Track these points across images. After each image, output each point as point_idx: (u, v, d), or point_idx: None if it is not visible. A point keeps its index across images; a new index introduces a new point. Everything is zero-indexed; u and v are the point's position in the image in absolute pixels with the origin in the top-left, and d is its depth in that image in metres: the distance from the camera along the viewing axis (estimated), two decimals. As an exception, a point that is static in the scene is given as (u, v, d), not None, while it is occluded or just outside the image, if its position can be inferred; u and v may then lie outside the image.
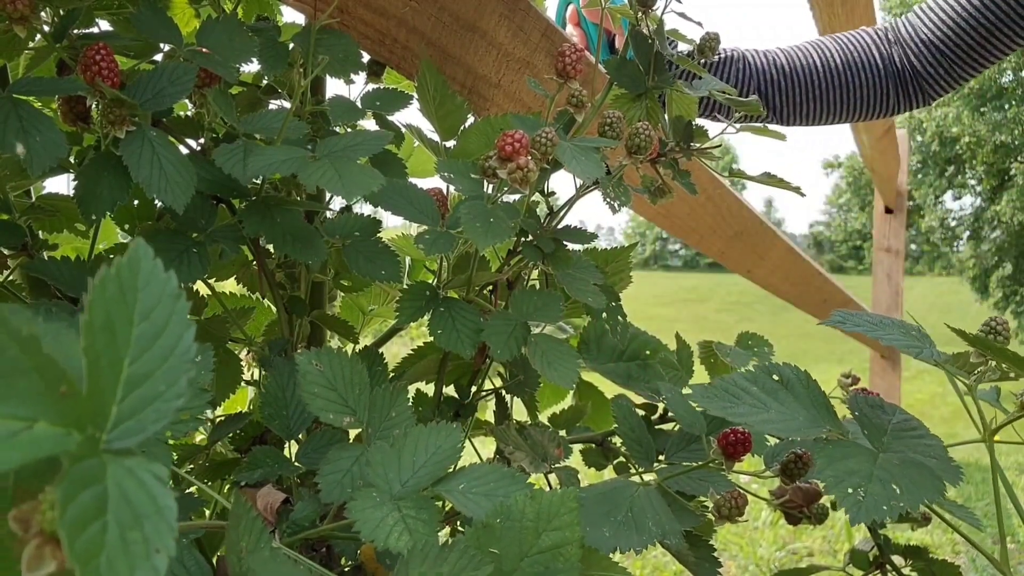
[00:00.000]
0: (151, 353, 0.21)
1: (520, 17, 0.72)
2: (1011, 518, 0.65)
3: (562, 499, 0.34)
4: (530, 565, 0.32)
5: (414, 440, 0.39)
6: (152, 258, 0.22)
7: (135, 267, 0.22)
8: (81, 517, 0.17)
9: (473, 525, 0.33)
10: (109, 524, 0.18)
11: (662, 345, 0.66)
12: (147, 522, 0.18)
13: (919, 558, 0.62)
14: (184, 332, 0.22)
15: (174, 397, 0.21)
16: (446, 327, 0.51)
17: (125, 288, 0.21)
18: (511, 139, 0.47)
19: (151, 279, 0.22)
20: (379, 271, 0.52)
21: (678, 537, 0.47)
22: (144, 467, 0.19)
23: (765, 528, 3.14)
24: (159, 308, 0.21)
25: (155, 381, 0.21)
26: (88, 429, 0.19)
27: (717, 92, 0.63)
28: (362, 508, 0.35)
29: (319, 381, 0.42)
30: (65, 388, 0.19)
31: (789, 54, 1.12)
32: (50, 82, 0.43)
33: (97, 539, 0.17)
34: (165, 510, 0.19)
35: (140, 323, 0.21)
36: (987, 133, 13.03)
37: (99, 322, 0.20)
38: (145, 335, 0.21)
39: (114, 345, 0.20)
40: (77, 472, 0.18)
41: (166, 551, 0.18)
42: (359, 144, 0.47)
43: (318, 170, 0.43)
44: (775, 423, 0.44)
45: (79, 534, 0.17)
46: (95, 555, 0.17)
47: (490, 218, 0.48)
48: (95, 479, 0.18)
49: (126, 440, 0.20)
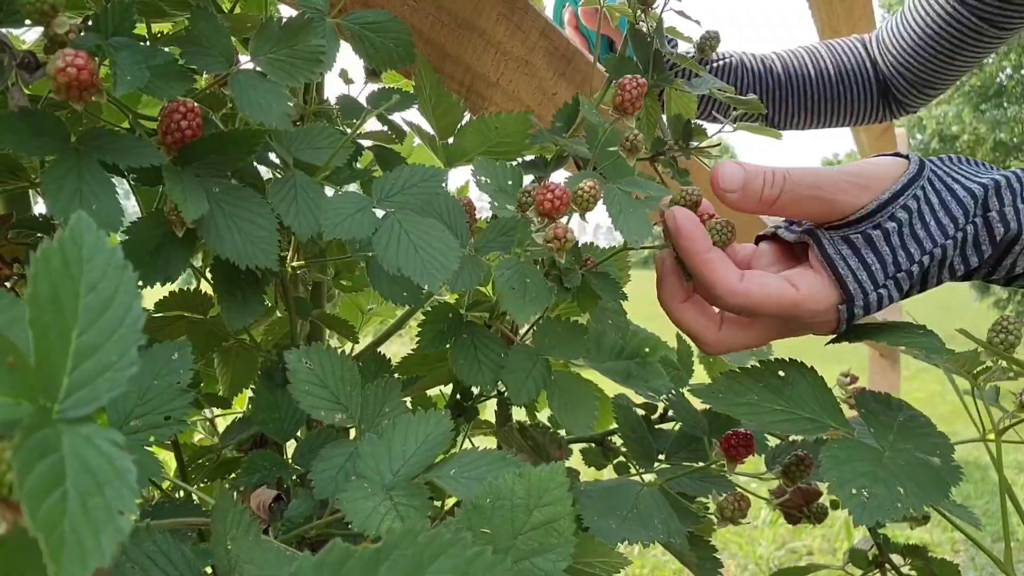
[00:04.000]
0: (100, 324, 0.21)
1: (518, 16, 0.72)
2: (1011, 516, 0.65)
3: (551, 474, 0.34)
4: (524, 542, 0.32)
5: (403, 429, 0.39)
6: (95, 230, 0.22)
7: (78, 240, 0.22)
8: (40, 487, 0.18)
9: (463, 507, 0.33)
10: (69, 492, 0.18)
11: (662, 343, 0.66)
12: (108, 487, 0.18)
13: (918, 557, 0.62)
14: (132, 302, 0.22)
15: (126, 366, 0.21)
16: (468, 358, 0.49)
17: (69, 260, 0.21)
18: (551, 195, 0.44)
19: (95, 251, 0.22)
20: (400, 293, 0.50)
21: (682, 537, 0.47)
22: (100, 434, 0.19)
23: (765, 527, 3.14)
24: (105, 280, 0.22)
25: (106, 351, 0.21)
26: (39, 400, 0.20)
27: (716, 90, 0.63)
28: (353, 499, 0.35)
29: (309, 379, 0.42)
30: (12, 359, 0.19)
31: (785, 61, 1.14)
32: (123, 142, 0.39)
33: (58, 507, 0.18)
34: (125, 473, 0.19)
35: (87, 295, 0.21)
36: (987, 131, 13.03)
37: (45, 295, 0.20)
38: (92, 307, 0.21)
39: (61, 317, 0.21)
40: (32, 443, 0.18)
41: (129, 512, 0.18)
42: (415, 186, 0.45)
43: (392, 241, 0.41)
44: (780, 422, 0.44)
45: (39, 504, 0.17)
46: (57, 523, 0.17)
47: (526, 278, 0.45)
48: (51, 448, 0.18)
49: (80, 409, 0.20)
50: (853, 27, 1.65)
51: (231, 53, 0.44)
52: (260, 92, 0.43)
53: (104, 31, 0.40)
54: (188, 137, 0.40)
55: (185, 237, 0.42)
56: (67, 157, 0.37)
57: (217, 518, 0.31)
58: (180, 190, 0.38)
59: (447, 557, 0.21)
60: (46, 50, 0.36)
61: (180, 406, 0.36)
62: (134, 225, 0.42)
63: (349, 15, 0.51)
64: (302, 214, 0.43)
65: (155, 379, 0.36)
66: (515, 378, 0.49)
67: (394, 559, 0.20)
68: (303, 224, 0.43)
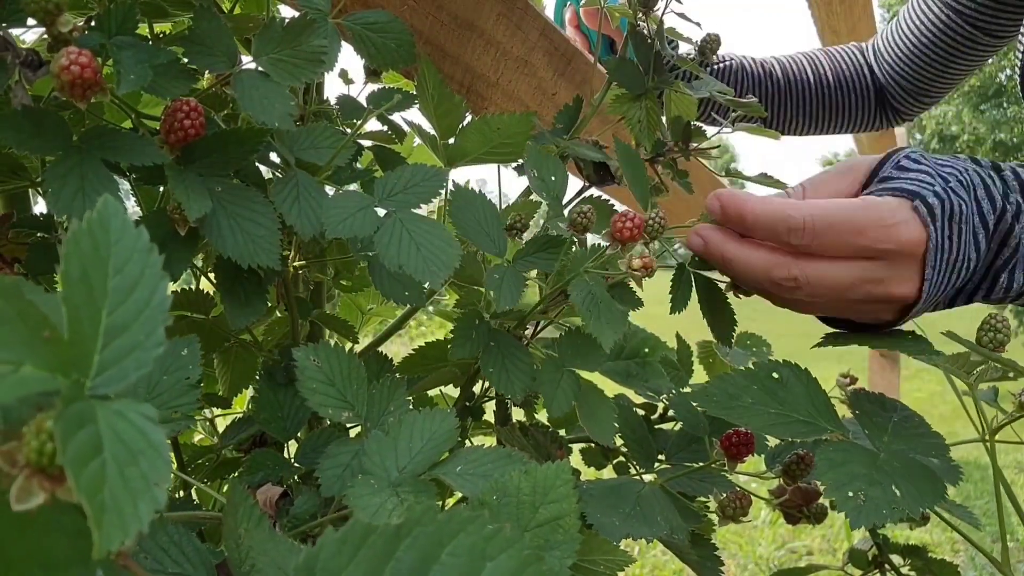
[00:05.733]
0: (128, 304, 0.21)
1: (518, 16, 0.72)
2: (1010, 517, 0.65)
3: (556, 472, 0.34)
4: (530, 539, 0.32)
5: (409, 427, 0.39)
6: (121, 214, 0.23)
7: (105, 223, 0.22)
8: (80, 454, 0.18)
9: (469, 503, 0.33)
10: (107, 461, 0.18)
11: (661, 343, 0.67)
12: (142, 458, 0.19)
13: (918, 557, 0.63)
14: (158, 284, 0.22)
15: (153, 346, 0.21)
16: (498, 368, 0.49)
17: (98, 243, 0.22)
18: (629, 222, 0.44)
19: (122, 234, 0.22)
20: (402, 292, 0.50)
21: (684, 534, 0.47)
22: (133, 408, 0.20)
23: (764, 527, 3.14)
24: (132, 262, 0.22)
25: (134, 331, 0.21)
26: (73, 374, 0.20)
27: (716, 92, 0.63)
28: (360, 495, 0.35)
29: (317, 376, 0.42)
30: (48, 333, 0.20)
31: (785, 67, 1.15)
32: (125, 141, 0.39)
33: (98, 474, 0.18)
34: (159, 446, 0.19)
35: (115, 276, 0.22)
36: (986, 131, 13.04)
37: (75, 274, 0.21)
38: (120, 288, 0.22)
39: (91, 296, 0.21)
40: (70, 413, 0.19)
41: (164, 483, 0.19)
42: (417, 185, 0.44)
43: (393, 240, 0.41)
44: (775, 425, 0.44)
45: (81, 470, 0.18)
46: (99, 489, 0.18)
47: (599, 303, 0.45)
48: (88, 420, 0.19)
49: (110, 386, 0.20)
50: (853, 27, 1.65)
51: (234, 53, 0.44)
52: (262, 92, 0.43)
53: (107, 31, 0.40)
54: (191, 136, 0.40)
55: (187, 236, 0.42)
56: (69, 155, 0.37)
57: (229, 512, 0.31)
58: (183, 189, 0.38)
59: (466, 534, 0.21)
60: (49, 49, 0.36)
61: (189, 401, 0.36)
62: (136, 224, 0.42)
63: (350, 15, 0.51)
64: (304, 213, 0.43)
65: (164, 374, 0.36)
66: (547, 389, 0.49)
67: (415, 536, 0.21)
68: (305, 223, 0.43)
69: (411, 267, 0.40)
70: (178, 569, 0.31)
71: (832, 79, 1.15)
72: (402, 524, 0.20)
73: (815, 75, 1.15)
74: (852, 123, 1.19)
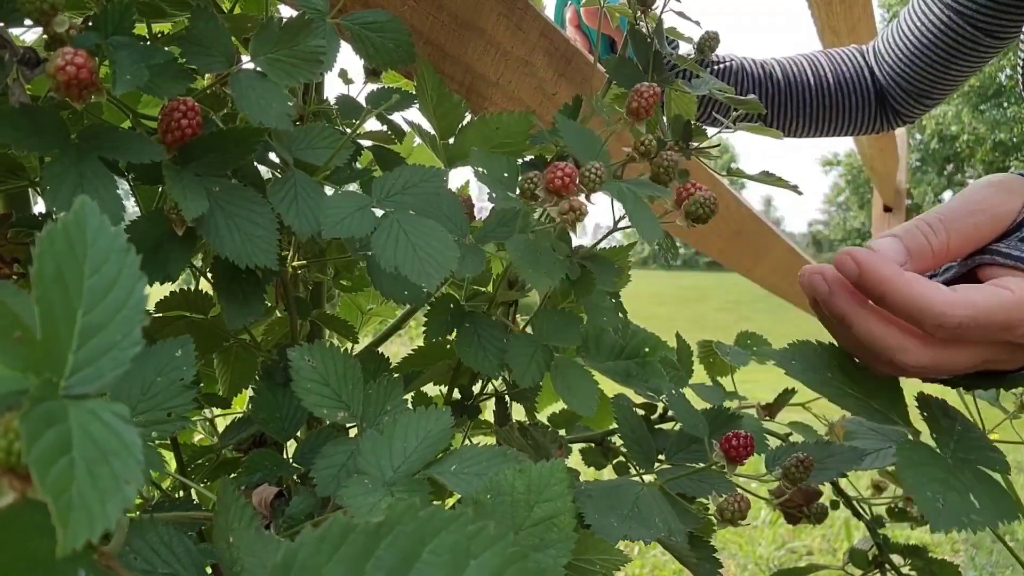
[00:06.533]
0: (104, 305, 0.21)
1: (518, 16, 0.72)
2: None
3: (551, 471, 0.34)
4: (525, 538, 0.32)
5: (404, 426, 0.39)
6: (99, 214, 0.22)
7: (82, 223, 0.22)
8: (47, 454, 0.18)
9: (463, 502, 0.33)
10: (76, 460, 0.18)
11: (661, 343, 0.66)
12: (114, 458, 0.19)
13: (918, 557, 0.62)
14: (135, 284, 0.22)
15: (131, 345, 0.21)
16: (473, 346, 0.50)
17: (74, 242, 0.22)
18: (561, 172, 0.45)
19: (100, 235, 0.22)
20: (401, 292, 0.50)
21: (682, 536, 0.47)
22: (106, 408, 0.20)
23: (764, 527, 3.14)
24: (109, 262, 0.22)
25: (110, 331, 0.21)
26: (45, 374, 0.20)
27: (716, 91, 0.63)
28: (354, 495, 0.35)
29: (312, 377, 0.42)
30: (19, 334, 0.20)
31: (785, 68, 1.15)
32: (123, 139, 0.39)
33: (66, 473, 0.18)
34: (131, 446, 0.19)
35: (91, 276, 0.22)
36: (986, 131, 13.04)
37: (50, 274, 0.21)
38: (97, 287, 0.22)
39: (66, 296, 0.21)
40: (39, 412, 0.19)
41: (135, 483, 0.19)
42: (415, 186, 0.44)
43: (390, 240, 0.40)
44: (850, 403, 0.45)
45: (47, 469, 0.18)
46: (65, 488, 0.18)
47: (538, 254, 0.46)
48: (57, 419, 0.19)
49: (85, 386, 0.20)
50: (853, 27, 1.65)
51: (232, 53, 0.44)
52: (260, 92, 0.43)
53: (104, 31, 0.40)
54: (188, 136, 0.40)
55: (185, 236, 0.42)
56: (67, 153, 0.37)
57: (220, 512, 0.31)
58: (180, 188, 0.38)
59: (448, 532, 0.21)
60: (46, 48, 0.36)
61: (183, 403, 0.36)
62: (134, 224, 0.42)
63: (349, 15, 0.51)
64: (302, 214, 0.43)
65: (158, 375, 0.36)
66: (519, 362, 0.50)
67: (396, 534, 0.20)
68: (303, 223, 0.43)
69: (407, 268, 0.40)
70: (168, 570, 0.31)
71: (832, 81, 1.15)
72: (383, 522, 0.20)
73: (815, 77, 1.15)
74: (853, 125, 1.19)
